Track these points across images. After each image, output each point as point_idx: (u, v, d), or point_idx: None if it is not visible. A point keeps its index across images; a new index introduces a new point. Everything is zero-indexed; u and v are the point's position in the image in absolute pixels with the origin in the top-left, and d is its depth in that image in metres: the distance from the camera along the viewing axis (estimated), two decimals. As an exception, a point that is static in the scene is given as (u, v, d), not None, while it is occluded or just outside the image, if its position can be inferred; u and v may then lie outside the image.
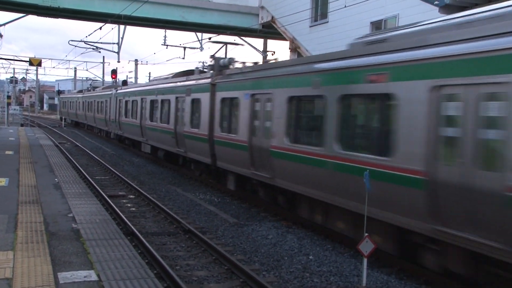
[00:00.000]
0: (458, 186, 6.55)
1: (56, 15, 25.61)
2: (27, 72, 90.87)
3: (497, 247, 6.06)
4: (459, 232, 6.59)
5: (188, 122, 16.51)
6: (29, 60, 30.47)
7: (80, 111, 44.93)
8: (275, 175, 11.07)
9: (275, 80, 11.24)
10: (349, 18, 17.92)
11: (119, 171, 18.74)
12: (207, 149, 14.77)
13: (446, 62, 6.76)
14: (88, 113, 40.35)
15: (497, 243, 6.06)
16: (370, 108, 8.75)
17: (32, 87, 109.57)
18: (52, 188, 12.20)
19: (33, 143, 25.20)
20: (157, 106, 20.38)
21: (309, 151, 9.78)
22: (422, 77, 7.14)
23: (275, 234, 10.18)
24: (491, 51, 6.13)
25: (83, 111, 42.99)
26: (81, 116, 44.46)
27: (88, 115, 40.61)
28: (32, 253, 6.88)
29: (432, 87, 6.96)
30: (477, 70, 6.31)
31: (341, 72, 9.02)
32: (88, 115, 40.68)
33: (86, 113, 41.25)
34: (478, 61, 6.32)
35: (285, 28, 23.55)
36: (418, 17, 12.47)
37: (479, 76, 6.28)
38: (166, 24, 27.76)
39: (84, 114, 42.62)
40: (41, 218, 8.94)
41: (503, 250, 5.99)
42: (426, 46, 7.24)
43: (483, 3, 12.17)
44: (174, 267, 8.05)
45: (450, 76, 6.70)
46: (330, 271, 8.06)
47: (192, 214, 12.19)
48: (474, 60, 6.38)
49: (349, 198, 8.71)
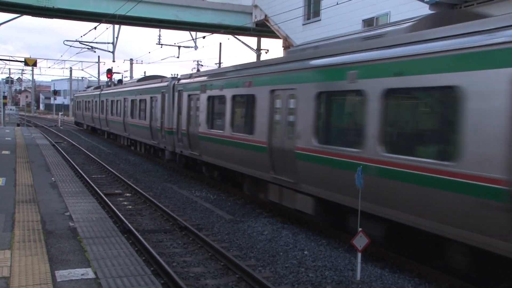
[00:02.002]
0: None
1: (51, 15, 25.61)
2: (22, 72, 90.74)
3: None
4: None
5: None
6: (24, 60, 30.46)
7: (96, 113, 35.22)
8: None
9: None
10: (341, 16, 18.04)
11: (116, 169, 18.81)
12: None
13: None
14: (111, 116, 30.10)
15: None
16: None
17: (28, 87, 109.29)
18: (48, 187, 12.27)
19: (30, 142, 25.22)
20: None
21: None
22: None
23: (270, 230, 10.29)
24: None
25: (103, 114, 32.79)
26: (101, 121, 33.99)
27: (112, 120, 30.10)
28: (29, 252, 6.95)
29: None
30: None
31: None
32: (112, 121, 30.13)
33: (107, 116, 31.51)
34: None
35: (278, 26, 23.64)
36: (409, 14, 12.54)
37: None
38: (160, 24, 27.81)
39: (104, 118, 32.37)
40: (38, 217, 9.02)
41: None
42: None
43: (471, 1, 12.30)
44: (171, 263, 8.15)
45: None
46: (325, 266, 8.17)
47: (188, 211, 12.28)
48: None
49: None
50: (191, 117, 16.07)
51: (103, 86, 38.44)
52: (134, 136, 24.60)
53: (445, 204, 6.55)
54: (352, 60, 8.46)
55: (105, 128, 32.54)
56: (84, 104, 40.90)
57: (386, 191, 7.59)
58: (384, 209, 7.70)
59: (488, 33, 6.16)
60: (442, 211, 6.62)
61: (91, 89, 41.87)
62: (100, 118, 33.72)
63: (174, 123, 17.87)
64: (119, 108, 27.83)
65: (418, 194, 6.94)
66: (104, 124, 32.83)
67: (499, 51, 5.94)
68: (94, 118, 36.28)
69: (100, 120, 33.85)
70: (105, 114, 32.00)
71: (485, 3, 12.14)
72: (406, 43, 7.43)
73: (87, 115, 39.40)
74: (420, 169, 6.90)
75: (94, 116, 35.95)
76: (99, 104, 34.17)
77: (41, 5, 23.29)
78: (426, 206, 6.83)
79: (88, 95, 39.73)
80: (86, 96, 40.46)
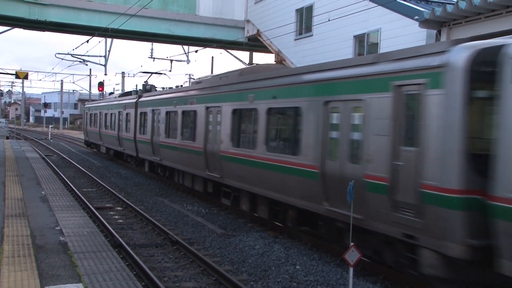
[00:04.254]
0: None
1: (43, 28, 25.61)
2: (13, 84, 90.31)
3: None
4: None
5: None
6: (15, 73, 30.37)
7: (124, 132, 24.04)
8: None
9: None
10: (333, 32, 18.25)
11: (106, 183, 18.71)
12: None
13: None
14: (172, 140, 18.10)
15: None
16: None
17: (18, 99, 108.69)
18: (39, 201, 12.18)
19: (19, 155, 25.04)
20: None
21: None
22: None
23: (262, 244, 10.27)
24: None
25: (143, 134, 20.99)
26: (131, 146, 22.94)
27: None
28: (19, 267, 6.89)
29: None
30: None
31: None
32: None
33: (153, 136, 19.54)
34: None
35: (270, 41, 23.84)
36: (400, 31, 12.85)
37: None
38: (153, 37, 27.91)
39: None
40: (28, 232, 8.94)
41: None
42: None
43: (459, 19, 12.53)
44: (162, 278, 8.10)
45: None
46: (317, 281, 8.17)
47: (180, 225, 12.23)
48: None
49: None
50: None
51: (140, 91, 24.86)
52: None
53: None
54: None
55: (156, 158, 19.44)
56: (105, 118, 28.60)
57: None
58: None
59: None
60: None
61: (114, 97, 30.33)
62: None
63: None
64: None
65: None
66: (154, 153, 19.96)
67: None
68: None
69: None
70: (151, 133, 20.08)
71: (473, 22, 12.36)
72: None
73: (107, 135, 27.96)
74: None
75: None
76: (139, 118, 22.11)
77: (33, 18, 23.29)
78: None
79: (116, 104, 26.34)
80: (111, 107, 27.48)
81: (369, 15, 16.32)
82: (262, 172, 11.00)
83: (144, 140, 20.58)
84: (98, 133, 30.45)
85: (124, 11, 21.96)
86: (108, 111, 28.03)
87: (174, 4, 25.50)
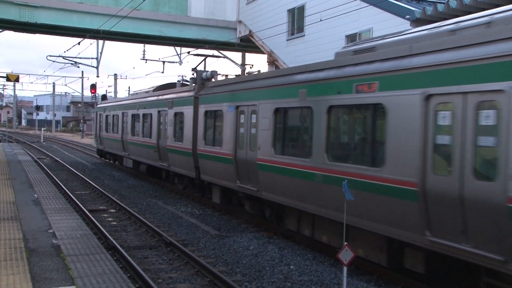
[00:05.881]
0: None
1: (34, 30, 25.47)
2: (4, 87, 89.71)
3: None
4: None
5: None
6: (6, 76, 30.18)
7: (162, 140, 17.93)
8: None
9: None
10: (325, 32, 18.29)
11: (100, 185, 18.63)
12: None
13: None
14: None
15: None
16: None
17: (10, 102, 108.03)
18: (31, 204, 12.11)
19: (11, 159, 24.87)
20: None
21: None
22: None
23: (256, 245, 10.27)
24: None
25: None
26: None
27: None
28: (11, 271, 6.84)
29: None
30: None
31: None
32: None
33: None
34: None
35: (262, 41, 23.85)
36: (391, 30, 12.82)
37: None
38: (145, 39, 27.85)
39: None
40: (20, 235, 8.88)
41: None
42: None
43: (449, 18, 12.57)
44: (156, 280, 8.08)
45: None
46: (311, 280, 8.18)
47: (174, 227, 12.20)
48: None
49: None
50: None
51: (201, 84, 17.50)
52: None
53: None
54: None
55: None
56: (132, 121, 21.86)
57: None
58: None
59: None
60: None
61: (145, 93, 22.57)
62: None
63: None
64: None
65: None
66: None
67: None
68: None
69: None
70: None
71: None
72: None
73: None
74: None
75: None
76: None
77: (24, 20, 23.13)
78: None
79: (155, 101, 19.19)
80: (143, 105, 20.37)
81: (361, 14, 16.38)
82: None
83: (217, 156, 13.25)
84: (120, 140, 23.10)
85: (116, 13, 21.87)
86: (137, 111, 20.56)
87: (166, 6, 25.44)
